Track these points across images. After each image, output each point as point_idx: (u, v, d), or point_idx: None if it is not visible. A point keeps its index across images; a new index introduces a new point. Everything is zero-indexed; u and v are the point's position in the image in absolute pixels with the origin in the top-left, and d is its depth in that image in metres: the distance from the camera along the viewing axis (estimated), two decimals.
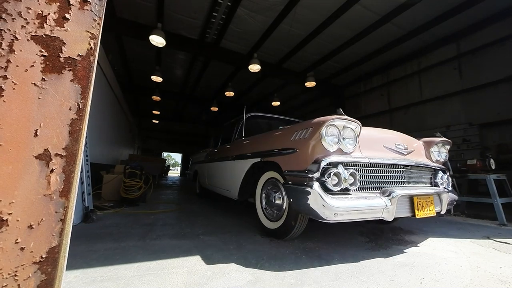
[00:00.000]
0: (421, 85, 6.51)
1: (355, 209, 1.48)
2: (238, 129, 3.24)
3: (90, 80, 0.58)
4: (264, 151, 2.14)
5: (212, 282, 1.22)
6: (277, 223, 2.00)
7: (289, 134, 1.87)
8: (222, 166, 3.22)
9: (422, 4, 4.72)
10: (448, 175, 2.23)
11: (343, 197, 1.52)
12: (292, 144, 1.77)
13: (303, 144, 1.66)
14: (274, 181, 2.12)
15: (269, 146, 2.09)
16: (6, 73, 0.50)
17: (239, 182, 2.56)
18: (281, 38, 6.10)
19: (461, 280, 1.34)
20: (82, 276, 1.25)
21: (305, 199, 1.50)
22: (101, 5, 0.61)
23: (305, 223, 1.85)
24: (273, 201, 2.09)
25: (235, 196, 2.68)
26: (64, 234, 0.52)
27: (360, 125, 1.72)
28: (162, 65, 7.66)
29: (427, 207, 1.78)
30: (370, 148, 1.83)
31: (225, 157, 3.15)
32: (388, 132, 2.16)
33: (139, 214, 2.98)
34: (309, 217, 1.57)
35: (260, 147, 2.26)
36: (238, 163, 2.66)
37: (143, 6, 5.13)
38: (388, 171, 1.81)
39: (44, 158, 0.52)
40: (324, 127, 1.56)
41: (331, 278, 1.30)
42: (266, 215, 2.20)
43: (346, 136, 1.65)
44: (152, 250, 1.67)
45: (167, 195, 5.31)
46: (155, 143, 20.90)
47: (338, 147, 1.61)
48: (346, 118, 1.63)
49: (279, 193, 2.05)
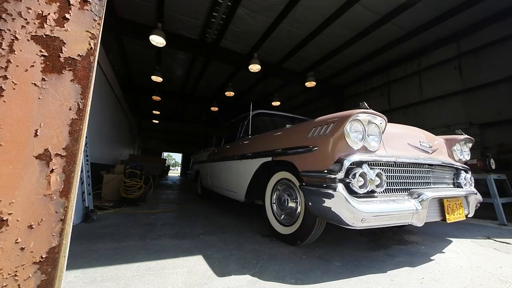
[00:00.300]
0: (421, 85, 6.51)
1: (384, 214, 1.33)
2: (244, 127, 3.10)
3: (90, 80, 0.58)
4: (276, 150, 1.98)
5: (212, 282, 1.22)
6: (291, 228, 1.85)
7: (306, 130, 1.70)
8: (227, 166, 3.06)
9: (422, 4, 4.71)
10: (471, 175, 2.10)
11: (369, 200, 1.37)
12: (310, 141, 1.61)
13: (323, 142, 1.50)
14: (287, 182, 1.98)
15: (282, 144, 1.93)
16: (6, 73, 0.50)
17: (246, 183, 2.40)
18: (281, 38, 6.10)
19: (461, 280, 1.34)
20: (83, 276, 1.25)
21: (326, 202, 1.37)
22: (101, 5, 0.61)
23: (322, 227, 1.70)
24: (285, 204, 1.95)
25: (242, 198, 2.52)
26: (64, 234, 0.52)
27: (386, 120, 1.58)
28: (162, 65, 7.66)
29: (457, 211, 1.66)
30: (394, 146, 1.70)
31: (230, 157, 2.98)
32: (411, 128, 2.01)
33: (139, 214, 2.98)
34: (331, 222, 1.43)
35: (271, 146, 2.10)
36: (246, 163, 2.49)
37: (143, 6, 5.13)
38: (414, 171, 1.69)
39: (44, 158, 0.52)
40: (348, 122, 1.41)
41: (332, 278, 1.30)
42: (277, 219, 2.05)
43: (370, 133, 1.51)
44: (152, 250, 1.67)
45: (167, 195, 5.31)
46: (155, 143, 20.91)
47: (362, 145, 1.46)
48: (371, 112, 1.48)
49: (293, 195, 1.90)
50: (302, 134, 1.74)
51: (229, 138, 3.64)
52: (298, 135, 1.79)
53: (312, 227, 1.68)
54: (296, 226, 1.80)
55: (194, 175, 5.26)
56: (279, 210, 2.07)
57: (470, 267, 1.53)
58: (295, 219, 1.85)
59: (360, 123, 1.47)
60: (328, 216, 1.39)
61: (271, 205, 2.15)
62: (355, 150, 1.45)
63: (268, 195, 2.20)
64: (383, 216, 1.34)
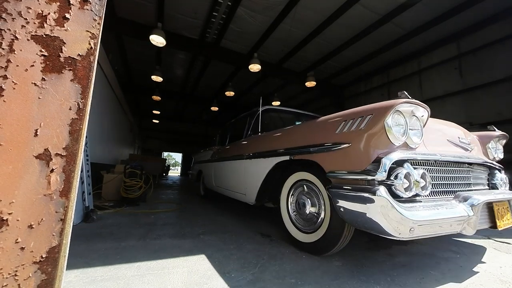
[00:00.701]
0: (421, 85, 6.51)
1: (435, 222, 1.16)
2: (252, 124, 2.90)
3: (90, 80, 0.58)
4: (294, 148, 1.78)
5: (212, 282, 1.22)
6: (314, 236, 1.66)
7: (334, 125, 1.50)
8: (235, 166, 2.84)
9: (422, 4, 4.71)
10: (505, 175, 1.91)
11: (414, 206, 1.19)
12: (340, 137, 1.41)
13: (357, 137, 1.31)
14: (307, 183, 1.80)
15: (303, 141, 1.72)
16: (6, 73, 0.50)
17: (257, 184, 2.21)
18: (281, 38, 6.09)
19: (461, 280, 1.34)
20: (83, 275, 1.25)
21: (363, 208, 1.19)
22: (101, 5, 0.61)
23: (350, 235, 1.52)
24: (305, 209, 1.75)
25: (252, 200, 2.34)
26: (64, 233, 0.52)
27: (429, 112, 1.42)
28: (162, 64, 7.66)
29: (505, 215, 1.49)
30: (434, 142, 1.54)
31: (238, 156, 2.76)
32: (447, 123, 1.83)
33: (140, 214, 2.98)
34: (368, 231, 1.25)
35: (288, 143, 1.90)
36: (257, 163, 2.29)
37: (143, 6, 5.12)
38: (455, 170, 1.52)
39: (44, 158, 0.52)
40: (390, 114, 1.24)
41: (331, 278, 1.30)
42: (296, 224, 1.85)
43: (412, 126, 1.34)
44: (152, 250, 1.67)
45: (168, 195, 5.31)
46: (155, 143, 20.91)
47: (404, 141, 1.29)
48: (415, 102, 1.32)
49: (314, 198, 1.73)
50: (328, 129, 1.54)
51: (234, 136, 3.41)
52: (323, 131, 1.59)
53: (339, 235, 1.48)
54: (320, 234, 1.60)
55: (196, 175, 5.13)
56: (298, 215, 1.87)
57: (470, 267, 1.53)
58: (317, 226, 1.66)
59: (401, 116, 1.30)
60: (366, 225, 1.21)
61: (288, 209, 1.96)
62: (396, 147, 1.27)
63: (284, 198, 2.01)
64: (433, 224, 1.16)
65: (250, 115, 3.13)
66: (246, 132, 2.97)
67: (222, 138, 4.03)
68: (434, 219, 1.15)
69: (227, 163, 3.15)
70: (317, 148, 1.56)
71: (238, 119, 3.63)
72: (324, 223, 1.59)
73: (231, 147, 3.21)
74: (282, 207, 2.02)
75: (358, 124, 1.34)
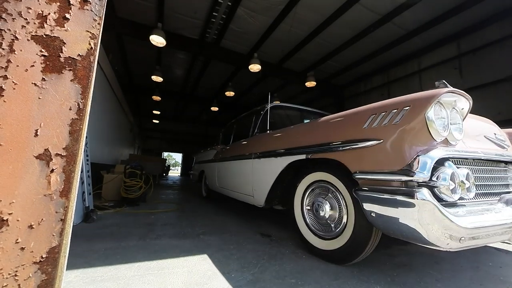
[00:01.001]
0: (421, 85, 6.50)
1: (487, 229, 1.02)
2: (259, 121, 2.76)
3: (90, 80, 0.58)
4: (312, 145, 1.63)
5: (212, 282, 1.22)
6: (335, 243, 1.50)
7: (360, 119, 1.34)
8: (241, 166, 2.68)
9: (422, 4, 4.71)
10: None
11: (461, 210, 1.06)
12: (369, 133, 1.26)
13: (391, 133, 1.15)
14: (325, 185, 1.65)
15: (322, 138, 1.57)
16: (7, 73, 0.50)
17: (267, 185, 2.07)
18: (281, 38, 6.09)
19: (461, 280, 1.34)
20: (83, 275, 1.25)
21: (402, 214, 1.04)
22: (101, 5, 0.61)
23: (377, 241, 1.37)
24: (324, 213, 1.60)
25: (261, 202, 2.21)
26: (64, 234, 0.52)
27: (470, 104, 1.27)
28: (162, 65, 7.67)
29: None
30: (472, 138, 1.40)
31: (245, 155, 2.60)
32: (481, 117, 1.69)
33: (140, 214, 2.98)
34: (407, 240, 1.09)
35: (304, 140, 1.74)
36: (267, 162, 2.13)
37: (143, 6, 5.13)
38: (493, 170, 1.38)
39: (44, 158, 0.52)
40: (431, 106, 1.10)
41: (331, 278, 1.30)
42: (313, 230, 1.69)
43: (453, 120, 1.19)
44: (152, 250, 1.67)
45: (168, 195, 5.31)
46: (155, 143, 20.91)
47: (445, 136, 1.14)
48: (459, 92, 1.19)
49: (334, 201, 1.58)
50: (354, 124, 1.38)
51: (239, 135, 3.27)
52: (348, 126, 1.43)
53: (365, 242, 1.33)
54: (342, 241, 1.45)
55: (198, 175, 5.02)
56: (315, 220, 1.71)
57: (470, 266, 1.53)
58: (338, 232, 1.51)
59: (442, 107, 1.15)
60: (402, 232, 1.07)
61: (303, 213, 1.79)
62: (436, 144, 1.12)
63: (298, 201, 1.85)
64: (487, 232, 1.01)
65: (256, 112, 2.98)
66: (253, 131, 2.83)
67: (226, 137, 3.91)
68: (486, 226, 1.01)
69: (232, 163, 3.01)
70: (341, 145, 1.40)
71: (243, 117, 3.48)
72: (347, 229, 1.44)
73: (237, 146, 3.05)
74: (296, 211, 1.86)
75: (392, 118, 1.18)
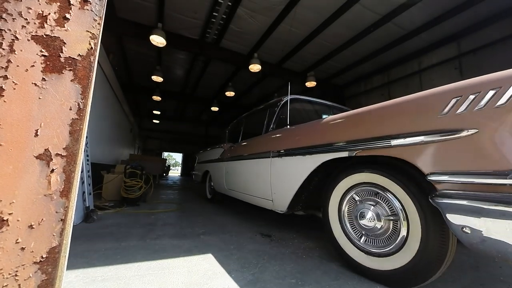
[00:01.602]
0: (421, 85, 6.50)
1: None
2: (276, 115, 2.46)
3: (90, 80, 0.58)
4: (359, 140, 1.33)
5: (212, 282, 1.22)
6: (392, 261, 1.21)
7: (435, 104, 1.05)
8: (256, 166, 2.38)
9: (422, 4, 4.71)
10: None
11: None
12: (451, 121, 0.97)
13: (494, 119, 0.87)
14: (372, 189, 1.36)
15: (374, 131, 1.27)
16: (7, 73, 0.50)
17: (292, 189, 1.80)
18: (281, 38, 6.09)
19: (462, 280, 1.34)
20: (83, 275, 1.25)
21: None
22: (101, 5, 0.61)
23: (452, 257, 1.09)
24: (370, 222, 1.32)
25: (283, 208, 1.94)
26: (64, 234, 0.52)
27: None
28: (162, 65, 7.67)
29: None
30: None
31: (261, 153, 2.30)
32: None
33: (140, 214, 2.98)
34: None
35: (345, 134, 1.44)
36: (292, 162, 1.84)
37: (144, 6, 5.13)
38: None
39: (44, 158, 0.52)
40: None
41: (332, 278, 1.30)
42: (355, 242, 1.41)
43: None
44: (152, 250, 1.67)
45: (168, 195, 5.31)
46: (155, 143, 20.91)
47: None
48: None
49: (384, 208, 1.30)
50: (424, 111, 1.08)
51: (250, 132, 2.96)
52: (415, 114, 1.13)
53: (440, 260, 1.06)
54: (406, 259, 1.15)
55: (202, 176, 4.68)
56: (359, 230, 1.42)
57: (469, 266, 1.53)
58: (395, 247, 1.21)
59: None
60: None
61: (341, 221, 1.52)
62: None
63: (334, 207, 1.57)
64: None
65: (272, 105, 2.65)
66: (267, 126, 2.51)
67: (233, 135, 3.54)
68: None
69: (245, 162, 2.67)
70: (408, 138, 1.10)
71: (254, 111, 3.14)
72: (409, 244, 1.15)
73: (251, 143, 2.70)
74: (332, 218, 1.58)
75: (492, 100, 0.88)
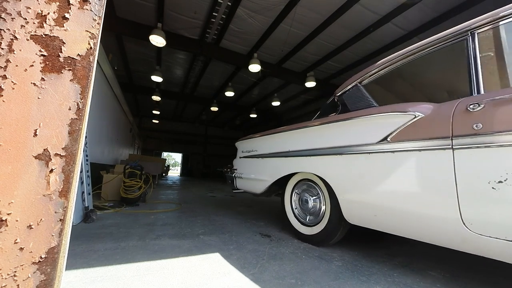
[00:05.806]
0: None
1: None
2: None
3: (89, 80, 0.58)
4: None
5: (212, 282, 1.22)
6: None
7: None
8: None
9: (422, 4, 4.72)
10: None
11: None
12: None
13: None
14: None
15: None
16: (6, 73, 0.50)
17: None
18: (281, 38, 6.10)
19: (462, 280, 1.34)
20: (82, 276, 1.25)
21: None
22: (101, 5, 0.61)
23: None
24: None
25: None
26: (63, 234, 0.52)
27: None
28: (162, 65, 7.67)
29: None
30: None
31: None
32: None
33: (139, 214, 2.98)
34: None
35: None
36: None
37: (143, 6, 5.13)
38: None
39: (43, 158, 0.51)
40: None
41: (331, 278, 1.30)
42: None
43: None
44: (152, 250, 1.67)
45: (167, 195, 5.31)
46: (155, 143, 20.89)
47: None
48: None
49: None
50: None
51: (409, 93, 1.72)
52: None
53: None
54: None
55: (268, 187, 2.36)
56: None
57: (470, 267, 1.53)
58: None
59: None
60: None
61: None
62: None
63: None
64: None
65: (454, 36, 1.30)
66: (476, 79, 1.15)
67: (356, 100, 1.75)
68: None
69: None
70: None
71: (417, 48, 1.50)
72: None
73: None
74: None
75: None
